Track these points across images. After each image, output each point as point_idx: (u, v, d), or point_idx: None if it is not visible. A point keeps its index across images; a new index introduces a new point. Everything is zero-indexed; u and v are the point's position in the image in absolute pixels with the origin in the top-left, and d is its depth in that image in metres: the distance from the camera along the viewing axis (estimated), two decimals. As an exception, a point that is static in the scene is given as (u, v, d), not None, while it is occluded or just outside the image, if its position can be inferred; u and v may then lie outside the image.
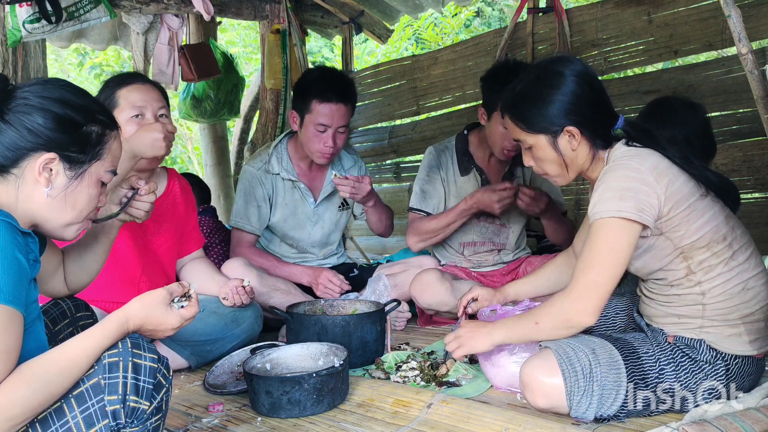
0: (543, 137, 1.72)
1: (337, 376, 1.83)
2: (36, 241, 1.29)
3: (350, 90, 2.80)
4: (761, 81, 1.73)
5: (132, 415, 1.24)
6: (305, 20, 4.57)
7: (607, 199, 1.57)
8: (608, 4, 3.52)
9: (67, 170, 1.31)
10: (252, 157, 3.01)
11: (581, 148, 1.71)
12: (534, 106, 1.71)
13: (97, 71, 9.37)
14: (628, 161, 1.61)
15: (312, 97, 2.72)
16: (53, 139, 1.28)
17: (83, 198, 1.35)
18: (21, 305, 1.15)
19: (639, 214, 1.54)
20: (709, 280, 1.62)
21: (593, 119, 1.69)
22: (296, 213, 2.94)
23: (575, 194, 3.75)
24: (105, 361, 1.22)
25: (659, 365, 1.63)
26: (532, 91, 1.73)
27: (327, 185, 2.98)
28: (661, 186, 1.57)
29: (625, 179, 1.58)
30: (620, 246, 1.56)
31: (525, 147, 1.79)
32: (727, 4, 1.74)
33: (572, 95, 1.67)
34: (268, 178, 2.89)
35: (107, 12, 3.29)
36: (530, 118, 1.72)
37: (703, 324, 1.64)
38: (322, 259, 3.05)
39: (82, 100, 1.35)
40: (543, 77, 1.73)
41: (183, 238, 2.50)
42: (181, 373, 2.25)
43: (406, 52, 8.59)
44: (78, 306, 1.73)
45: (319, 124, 2.72)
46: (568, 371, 1.59)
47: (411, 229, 2.91)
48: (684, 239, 1.61)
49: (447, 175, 2.90)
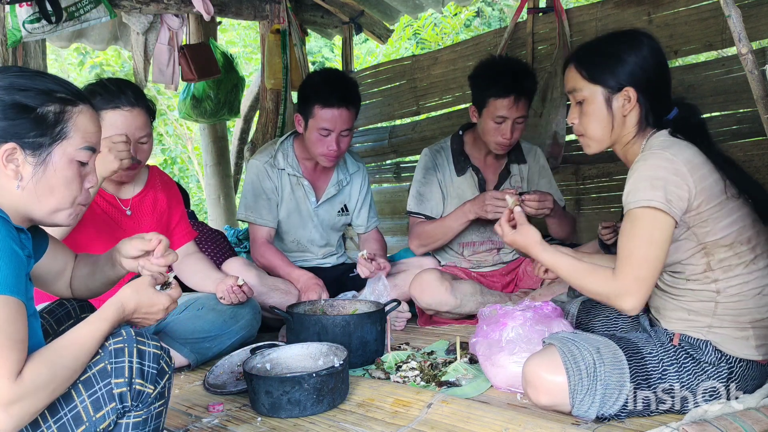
0: (600, 90, 1.70)
1: (337, 376, 1.83)
2: (29, 237, 1.29)
3: (353, 93, 2.77)
4: (761, 81, 1.73)
5: (138, 398, 1.29)
6: (305, 20, 4.58)
7: (639, 189, 1.57)
8: (608, 4, 3.52)
9: (30, 157, 1.25)
10: (258, 152, 3.00)
11: (631, 116, 1.69)
12: (603, 57, 1.70)
13: (97, 71, 9.37)
14: (662, 151, 1.60)
15: (314, 101, 2.71)
16: (6, 128, 1.23)
17: (58, 182, 1.29)
18: (23, 296, 1.16)
19: (667, 204, 1.54)
20: (727, 279, 1.62)
21: (653, 93, 1.68)
22: (299, 210, 2.94)
23: (575, 194, 3.75)
24: (111, 348, 1.27)
25: (662, 366, 1.63)
26: (605, 45, 1.73)
27: (331, 187, 2.97)
28: (694, 179, 1.57)
29: (656, 168, 1.57)
30: (659, 240, 1.55)
31: (576, 100, 1.76)
32: (727, 4, 1.74)
33: (643, 60, 1.67)
34: (275, 171, 2.89)
35: (107, 12, 3.29)
36: (595, 67, 1.70)
37: (711, 323, 1.63)
38: (321, 258, 3.05)
39: (33, 82, 1.27)
40: (620, 36, 1.73)
41: (169, 231, 2.48)
42: (181, 373, 2.25)
43: (406, 52, 8.59)
44: (83, 307, 1.73)
45: (322, 129, 2.71)
46: (572, 369, 1.59)
47: (412, 234, 2.93)
48: (709, 236, 1.60)
49: (444, 176, 2.91)
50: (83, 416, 1.23)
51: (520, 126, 2.72)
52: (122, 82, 2.29)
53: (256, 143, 4.38)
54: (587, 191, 3.74)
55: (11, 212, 1.24)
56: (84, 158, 1.33)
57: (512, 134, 2.69)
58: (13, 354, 1.10)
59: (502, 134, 2.68)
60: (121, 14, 3.66)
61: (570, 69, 1.77)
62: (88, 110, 1.34)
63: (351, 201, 3.05)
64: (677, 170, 1.56)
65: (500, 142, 2.70)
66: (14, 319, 1.12)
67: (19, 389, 1.10)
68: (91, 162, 1.36)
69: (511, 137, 2.69)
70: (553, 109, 3.63)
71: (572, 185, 3.76)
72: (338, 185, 2.97)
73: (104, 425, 1.25)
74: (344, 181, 2.99)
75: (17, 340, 1.11)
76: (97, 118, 1.37)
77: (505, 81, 2.63)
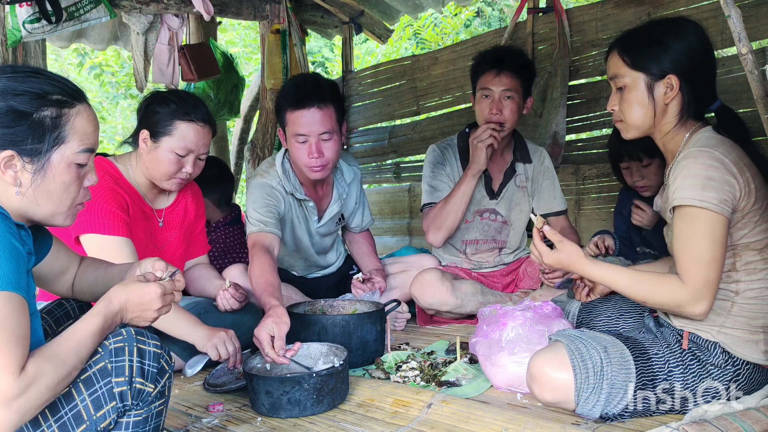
0: (642, 77, 1.67)
1: (337, 376, 1.83)
2: (29, 234, 1.29)
3: (324, 92, 2.48)
4: (761, 81, 1.73)
5: (138, 397, 1.29)
6: (305, 20, 4.58)
7: (689, 186, 1.54)
8: (608, 4, 3.52)
9: (28, 164, 1.24)
10: (263, 172, 2.67)
11: (673, 104, 1.66)
12: (646, 43, 1.67)
13: (97, 71, 9.37)
14: (712, 150, 1.57)
15: (285, 107, 2.50)
16: (2, 136, 1.21)
17: (56, 188, 1.28)
18: (24, 291, 1.16)
19: (721, 206, 1.52)
20: (748, 282, 1.61)
21: (696, 81, 1.66)
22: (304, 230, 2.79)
23: (575, 194, 3.75)
24: (111, 347, 1.27)
25: (668, 367, 1.62)
26: (650, 32, 1.70)
27: (333, 205, 2.80)
28: (743, 179, 1.55)
29: (708, 168, 1.54)
30: (720, 239, 1.53)
31: (617, 86, 1.73)
32: (727, 4, 1.73)
33: (688, 48, 1.64)
34: (287, 197, 2.65)
35: (107, 12, 3.29)
36: (638, 53, 1.67)
37: (724, 323, 1.63)
38: (324, 269, 3.02)
39: (28, 85, 1.23)
40: (665, 24, 1.70)
41: (191, 242, 2.53)
42: (181, 374, 2.25)
43: (406, 52, 8.59)
44: (82, 307, 1.73)
45: (298, 135, 2.46)
46: (579, 368, 1.58)
47: (425, 222, 2.86)
48: (744, 238, 1.59)
49: (452, 171, 2.91)
50: (84, 415, 1.23)
51: (510, 104, 2.69)
52: (196, 97, 2.36)
53: (256, 143, 4.38)
54: (587, 191, 3.74)
55: (11, 212, 1.24)
56: (83, 161, 1.31)
57: (501, 111, 2.67)
58: (16, 350, 1.10)
59: (490, 109, 2.68)
60: (121, 14, 3.66)
61: (613, 55, 1.74)
62: (85, 110, 1.31)
63: (348, 209, 2.95)
64: (729, 170, 1.54)
65: (490, 118, 2.68)
66: (17, 315, 1.12)
67: (22, 385, 1.10)
68: (90, 162, 1.34)
69: (500, 114, 2.67)
70: (553, 109, 3.63)
71: (572, 185, 3.76)
72: (339, 200, 2.84)
73: (105, 424, 1.26)
74: (344, 194, 2.86)
75: (20, 336, 1.12)
76: (94, 116, 1.35)
77: (489, 56, 2.73)
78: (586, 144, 3.85)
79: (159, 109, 2.23)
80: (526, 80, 2.75)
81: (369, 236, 3.09)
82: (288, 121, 2.51)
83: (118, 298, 1.32)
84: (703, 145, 1.60)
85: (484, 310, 2.17)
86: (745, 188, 1.55)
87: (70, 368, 1.20)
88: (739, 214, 1.57)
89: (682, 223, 1.56)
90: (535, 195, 2.97)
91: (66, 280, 1.61)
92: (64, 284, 1.62)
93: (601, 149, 3.69)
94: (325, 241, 2.93)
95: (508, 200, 2.93)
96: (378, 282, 2.69)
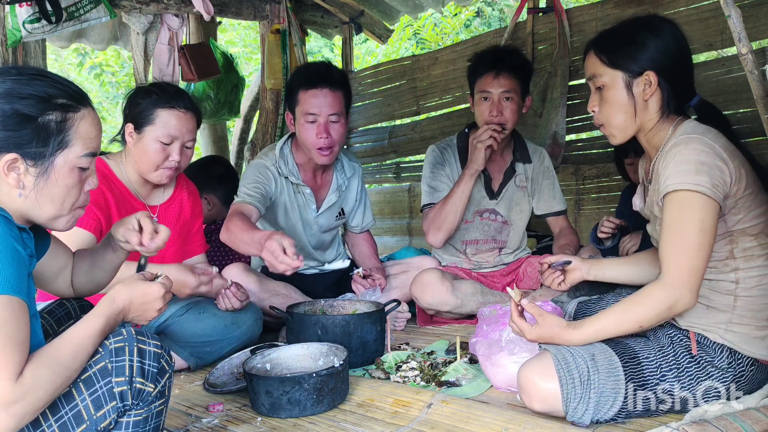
0: (620, 75, 1.67)
1: (337, 376, 1.83)
2: (31, 236, 1.29)
3: (336, 76, 2.65)
4: (761, 81, 1.73)
5: (138, 396, 1.29)
6: (305, 20, 4.58)
7: (682, 172, 1.54)
8: (608, 4, 3.52)
9: (32, 167, 1.24)
10: (262, 154, 2.82)
11: (653, 101, 1.67)
12: (623, 42, 1.68)
13: (97, 71, 9.37)
14: (701, 136, 1.57)
15: (298, 88, 2.64)
16: (7, 139, 1.21)
17: (59, 191, 1.29)
18: (25, 295, 1.16)
19: (713, 190, 1.52)
20: (747, 269, 1.61)
21: (674, 77, 1.67)
22: (301, 218, 2.83)
23: (575, 194, 3.75)
24: (111, 347, 1.27)
25: (661, 372, 1.62)
26: (625, 31, 1.71)
27: (331, 194, 2.86)
28: (733, 165, 1.55)
29: (699, 153, 1.54)
30: (709, 226, 1.52)
31: (596, 86, 1.74)
32: (727, 4, 1.73)
33: (663, 45, 1.65)
34: (280, 179, 2.75)
35: (107, 12, 3.30)
36: (615, 52, 1.68)
37: (731, 320, 1.62)
38: (321, 265, 3.03)
39: (33, 88, 1.23)
40: (640, 22, 1.72)
41: (187, 240, 2.52)
42: (181, 373, 2.25)
43: (406, 52, 8.59)
44: (83, 307, 1.73)
45: (309, 114, 2.60)
46: (564, 377, 1.57)
47: (425, 223, 2.86)
48: (739, 223, 1.59)
49: (451, 171, 2.91)
50: (84, 415, 1.23)
51: (510, 105, 2.70)
52: (179, 88, 2.39)
53: (256, 143, 4.39)
54: (587, 191, 3.74)
55: (13, 214, 1.24)
56: (85, 165, 1.32)
57: (501, 112, 2.68)
58: (14, 355, 1.10)
59: (490, 111, 2.68)
60: (121, 14, 3.66)
61: (590, 55, 1.75)
62: (89, 114, 1.32)
63: (348, 204, 2.98)
64: (719, 155, 1.54)
65: (490, 120, 2.68)
66: (16, 319, 1.12)
67: (20, 390, 1.10)
68: (92, 166, 1.35)
69: (501, 115, 2.68)
70: (553, 109, 3.64)
71: (572, 185, 3.76)
72: (338, 191, 2.89)
73: (105, 423, 1.26)
74: (343, 186, 2.92)
75: (19, 341, 1.12)
76: (98, 120, 1.36)
77: (486, 58, 2.73)
78: (586, 144, 3.85)
79: (140, 101, 2.26)
80: (524, 80, 2.76)
81: (370, 238, 3.10)
82: (299, 101, 2.63)
83: (121, 298, 1.34)
84: (692, 132, 1.60)
85: (484, 310, 2.17)
86: (735, 173, 1.56)
87: (69, 371, 1.20)
88: (732, 200, 1.57)
89: (673, 209, 1.55)
90: (534, 195, 2.97)
91: (65, 277, 1.62)
92: (64, 281, 1.62)
93: (601, 149, 3.69)
94: (324, 237, 2.94)
95: (508, 200, 2.93)
96: (378, 278, 2.69)
